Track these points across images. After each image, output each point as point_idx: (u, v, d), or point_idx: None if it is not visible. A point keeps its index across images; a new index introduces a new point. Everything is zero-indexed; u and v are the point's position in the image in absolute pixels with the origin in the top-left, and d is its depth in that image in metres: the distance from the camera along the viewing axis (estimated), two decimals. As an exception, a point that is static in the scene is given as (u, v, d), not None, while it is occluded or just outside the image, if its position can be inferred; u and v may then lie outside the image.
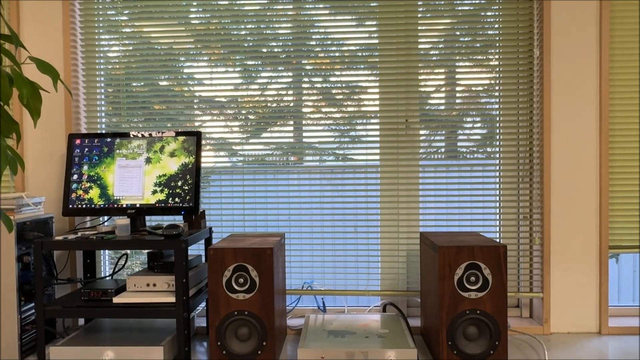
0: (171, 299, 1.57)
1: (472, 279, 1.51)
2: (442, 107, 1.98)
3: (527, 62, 1.91)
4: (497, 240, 1.95)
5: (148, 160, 1.77)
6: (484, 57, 1.94)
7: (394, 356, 1.48)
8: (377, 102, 1.97)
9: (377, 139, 1.98)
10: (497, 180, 1.95)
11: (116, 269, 1.90)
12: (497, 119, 1.95)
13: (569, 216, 1.88)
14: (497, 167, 1.95)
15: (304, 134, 2.02)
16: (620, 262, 2.86)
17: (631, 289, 2.84)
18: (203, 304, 2.02)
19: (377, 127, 1.98)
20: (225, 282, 1.52)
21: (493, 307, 1.50)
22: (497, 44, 1.93)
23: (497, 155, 1.96)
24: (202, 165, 2.01)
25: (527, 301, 2.01)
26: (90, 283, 1.79)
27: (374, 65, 1.96)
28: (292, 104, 2.00)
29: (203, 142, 2.01)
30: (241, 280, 1.52)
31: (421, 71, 1.95)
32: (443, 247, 1.51)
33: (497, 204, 1.96)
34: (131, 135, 1.79)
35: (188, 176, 1.74)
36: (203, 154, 2.01)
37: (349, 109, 1.99)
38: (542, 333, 1.88)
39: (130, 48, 2.00)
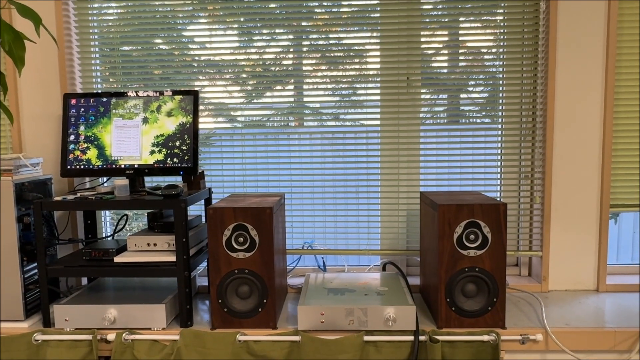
0: (172, 258, 1.58)
1: (472, 237, 1.51)
2: (445, 68, 1.93)
3: (532, 16, 1.85)
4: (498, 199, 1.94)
5: (145, 120, 1.74)
6: (489, 16, 1.88)
7: (393, 313, 1.50)
8: (377, 63, 1.92)
9: (378, 101, 1.94)
10: (499, 139, 1.93)
11: (117, 230, 1.91)
12: (501, 76, 1.91)
13: (570, 175, 1.86)
14: (500, 126, 1.93)
15: (305, 97, 1.98)
16: (620, 221, 2.86)
17: (630, 248, 2.86)
18: (204, 264, 2.04)
19: (378, 89, 1.94)
20: (225, 241, 1.53)
21: (492, 264, 1.51)
22: (502, 3, 1.86)
23: (500, 114, 1.93)
24: (202, 129, 1.99)
25: (526, 260, 2.03)
26: (91, 243, 1.80)
27: (375, 26, 1.90)
28: (291, 67, 1.96)
29: (202, 106, 1.98)
30: (241, 239, 1.53)
31: (422, 33, 1.89)
32: (443, 206, 1.50)
33: (499, 164, 1.94)
34: (127, 95, 1.76)
35: (186, 136, 1.72)
36: (202, 118, 1.99)
37: (350, 72, 1.94)
38: (540, 291, 1.90)
39: (126, 9, 1.94)
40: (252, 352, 1.50)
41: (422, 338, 1.49)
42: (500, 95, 1.91)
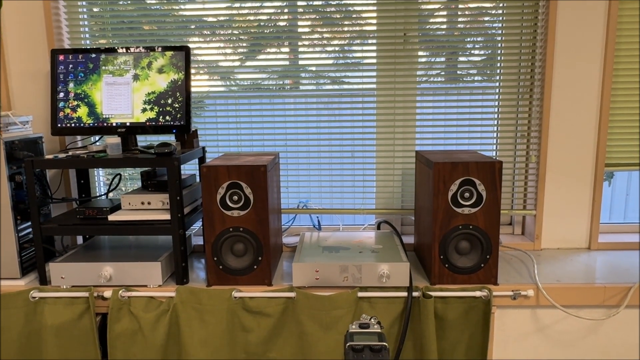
0: (166, 216, 1.57)
1: (466, 195, 1.51)
2: (443, 30, 1.88)
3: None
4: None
5: (136, 77, 1.70)
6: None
7: (387, 270, 1.51)
8: (374, 19, 1.87)
9: (374, 62, 1.90)
10: (497, 97, 1.91)
11: (110, 189, 1.90)
12: (500, 32, 1.86)
13: (567, 133, 1.85)
14: (497, 84, 1.90)
15: (300, 59, 1.93)
16: (614, 182, 2.88)
17: (622, 208, 2.88)
18: (199, 223, 2.05)
19: (375, 50, 1.89)
20: (219, 199, 1.52)
21: (486, 222, 1.51)
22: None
23: (498, 71, 1.89)
24: (195, 90, 1.95)
25: (520, 219, 2.04)
26: (85, 203, 1.80)
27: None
28: (286, 28, 1.90)
29: (195, 68, 1.93)
30: (235, 197, 1.52)
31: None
32: (438, 163, 1.50)
33: (495, 122, 1.93)
34: (117, 51, 1.71)
35: (178, 93, 1.69)
36: (196, 81, 1.94)
37: (346, 29, 1.89)
38: (533, 249, 1.92)
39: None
40: (247, 308, 1.52)
41: (415, 294, 1.51)
42: (499, 52, 1.88)
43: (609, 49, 1.78)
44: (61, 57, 1.72)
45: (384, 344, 0.86)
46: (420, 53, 1.89)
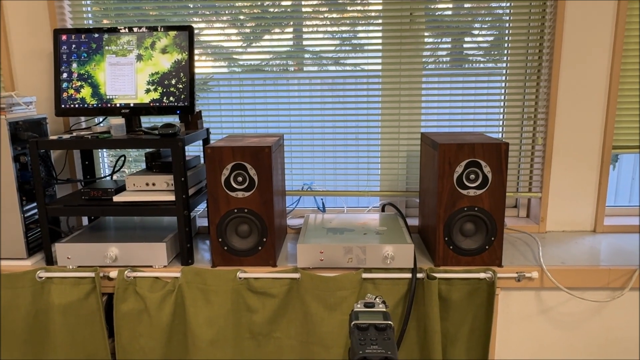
0: (171, 197, 1.57)
1: (472, 176, 1.50)
2: (450, 6, 1.85)
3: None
4: (499, 141, 1.92)
5: (139, 57, 1.69)
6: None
7: (392, 251, 1.51)
8: (380, 0, 1.85)
9: (380, 44, 1.88)
10: (504, 78, 1.88)
11: (115, 170, 1.90)
12: (508, 12, 1.83)
13: (574, 115, 1.83)
14: (505, 65, 1.87)
15: (304, 41, 1.91)
16: (621, 164, 2.86)
17: (628, 191, 2.87)
18: (203, 205, 2.05)
19: (380, 31, 1.86)
20: (224, 180, 1.52)
21: (491, 204, 1.51)
22: None
23: (506, 52, 1.87)
24: (199, 73, 1.94)
25: (525, 202, 2.03)
26: (90, 184, 1.80)
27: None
28: (290, 9, 1.87)
29: (199, 50, 1.91)
30: (240, 178, 1.52)
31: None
32: (444, 145, 1.48)
33: (502, 104, 1.91)
34: (119, 31, 1.70)
35: (182, 74, 1.67)
36: (200, 62, 1.93)
37: (351, 8, 1.86)
38: (538, 231, 1.92)
39: None
40: (252, 288, 1.53)
41: (419, 275, 1.51)
42: (507, 32, 1.85)
43: (619, 29, 1.75)
44: (64, 37, 1.71)
45: (389, 322, 0.86)
46: (426, 34, 1.86)
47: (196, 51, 1.92)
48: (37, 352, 1.62)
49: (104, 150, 2.06)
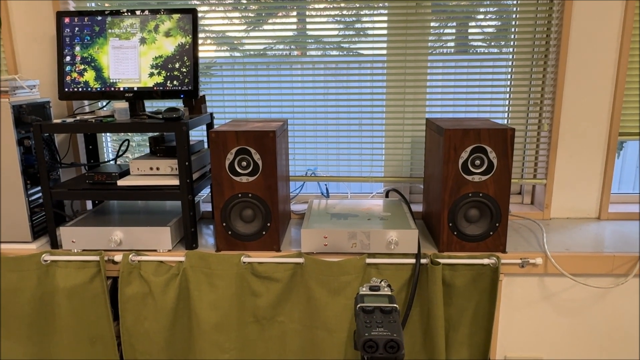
0: (175, 182, 1.57)
1: (477, 162, 1.49)
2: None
3: None
4: (505, 127, 1.91)
5: (143, 41, 1.68)
6: None
7: (395, 236, 1.51)
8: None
9: (385, 27, 1.86)
10: (510, 64, 1.86)
11: (119, 154, 1.90)
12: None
13: (581, 101, 1.82)
14: (511, 50, 1.85)
15: (308, 25, 1.89)
16: (626, 151, 2.84)
17: (632, 178, 2.85)
18: (207, 190, 2.05)
19: (385, 11, 1.84)
20: (228, 165, 1.52)
21: (496, 189, 1.50)
22: None
23: (512, 37, 1.85)
24: (202, 57, 1.92)
25: (530, 188, 2.03)
26: (94, 168, 1.80)
27: None
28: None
29: (202, 34, 1.89)
30: (244, 163, 1.51)
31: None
32: (449, 130, 1.48)
33: (508, 89, 1.89)
34: (123, 13, 1.68)
35: (185, 58, 1.66)
36: (203, 47, 1.91)
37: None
38: (542, 218, 1.91)
39: None
40: (256, 273, 1.54)
41: (423, 261, 1.51)
42: (514, 15, 1.82)
43: (628, 13, 1.73)
44: (67, 20, 1.70)
45: (395, 305, 0.86)
46: (432, 17, 1.84)
47: (199, 36, 1.90)
48: (43, 335, 1.63)
49: (108, 134, 2.06)
